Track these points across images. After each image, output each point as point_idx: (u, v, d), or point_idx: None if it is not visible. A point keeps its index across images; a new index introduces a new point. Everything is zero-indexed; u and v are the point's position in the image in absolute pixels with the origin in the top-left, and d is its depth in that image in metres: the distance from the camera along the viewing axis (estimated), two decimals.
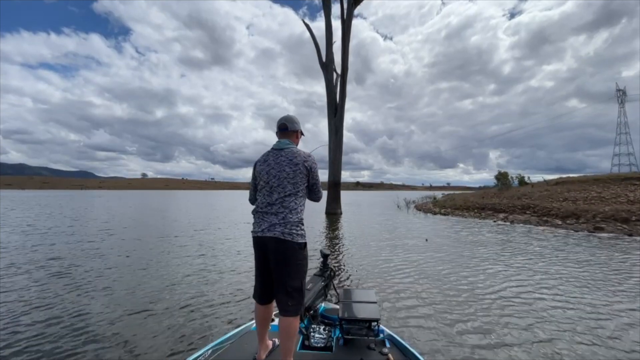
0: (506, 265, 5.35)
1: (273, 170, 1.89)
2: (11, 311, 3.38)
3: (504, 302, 3.61)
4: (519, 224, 11.54)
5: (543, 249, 6.75)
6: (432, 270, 5.01)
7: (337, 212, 16.25)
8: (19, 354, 2.52)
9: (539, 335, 2.83)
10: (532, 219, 11.82)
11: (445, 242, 7.64)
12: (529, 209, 13.39)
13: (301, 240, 1.82)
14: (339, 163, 16.92)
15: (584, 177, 20.34)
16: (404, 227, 10.89)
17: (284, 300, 1.76)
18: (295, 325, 1.75)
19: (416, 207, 21.90)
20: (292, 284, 1.78)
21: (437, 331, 2.89)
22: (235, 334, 2.22)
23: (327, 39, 17.25)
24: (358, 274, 4.88)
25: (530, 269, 5.06)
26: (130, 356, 2.51)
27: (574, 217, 11.19)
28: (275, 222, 1.79)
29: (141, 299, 3.80)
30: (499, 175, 25.47)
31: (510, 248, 6.85)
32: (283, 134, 2.01)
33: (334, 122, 16.98)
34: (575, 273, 4.84)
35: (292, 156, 1.89)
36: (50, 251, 6.39)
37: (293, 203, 1.85)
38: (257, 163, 2.00)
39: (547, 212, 12.32)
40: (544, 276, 4.67)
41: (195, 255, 6.17)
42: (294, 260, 1.79)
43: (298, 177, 1.86)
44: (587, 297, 3.80)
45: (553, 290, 4.05)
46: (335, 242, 7.96)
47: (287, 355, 1.74)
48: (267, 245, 1.81)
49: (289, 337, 1.73)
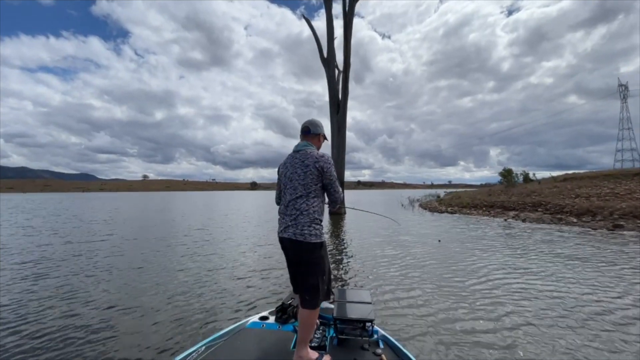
0: (531, 269, 4.91)
1: (288, 172, 1.98)
2: (14, 309, 3.48)
3: (533, 311, 3.18)
4: (531, 222, 11.07)
5: (568, 249, 6.30)
6: (448, 274, 4.57)
7: (341, 212, 15.81)
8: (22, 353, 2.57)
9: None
10: (545, 217, 11.35)
11: (457, 243, 7.20)
12: (540, 206, 12.94)
13: (315, 240, 1.85)
14: (342, 162, 16.47)
15: (593, 172, 19.86)
16: (412, 227, 10.44)
17: (303, 295, 1.89)
18: (312, 317, 1.85)
19: (421, 206, 21.45)
20: (308, 281, 1.86)
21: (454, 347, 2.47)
22: (230, 331, 2.24)
23: (329, 33, 16.79)
24: (369, 277, 4.45)
25: (563, 277, 4.62)
26: (121, 352, 2.54)
27: (589, 214, 10.73)
28: (289, 224, 1.87)
29: (135, 295, 3.90)
30: (504, 172, 24.98)
31: (532, 250, 6.40)
32: (305, 137, 2.08)
33: (336, 120, 16.54)
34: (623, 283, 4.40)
35: (305, 157, 1.93)
36: (58, 251, 6.08)
37: (304, 205, 1.87)
38: (280, 166, 2.10)
39: (560, 209, 11.85)
40: (586, 286, 4.22)
41: (196, 256, 5.99)
42: (310, 260, 1.86)
43: (308, 178, 1.89)
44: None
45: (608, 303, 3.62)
46: (341, 243, 7.52)
47: (302, 343, 1.83)
48: (286, 245, 1.92)
49: (305, 327, 1.84)
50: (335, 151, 16.49)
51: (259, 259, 6.03)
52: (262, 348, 2.00)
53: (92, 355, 2.52)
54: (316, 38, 17.18)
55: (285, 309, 2.43)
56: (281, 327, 2.32)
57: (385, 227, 10.42)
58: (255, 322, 2.39)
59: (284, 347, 2.02)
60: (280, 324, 2.35)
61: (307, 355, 1.83)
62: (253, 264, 5.60)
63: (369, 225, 11.01)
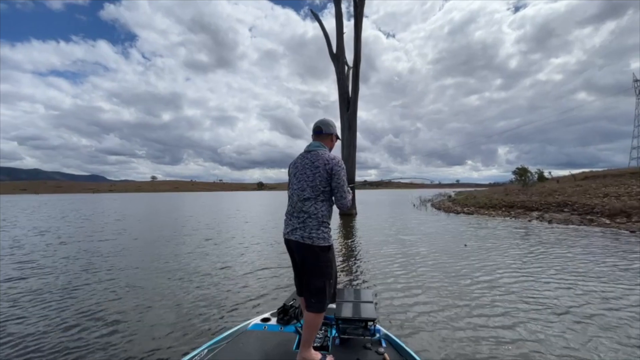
0: (583, 284, 4.27)
1: (297, 172, 1.93)
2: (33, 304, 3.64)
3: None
4: (558, 223, 10.32)
5: (617, 258, 5.61)
6: (481, 288, 3.96)
7: (352, 212, 15.24)
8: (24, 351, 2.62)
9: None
10: (573, 218, 10.57)
11: (484, 248, 6.55)
12: (566, 206, 12.13)
13: (324, 244, 1.82)
14: (353, 161, 15.88)
15: (617, 170, 18.90)
16: (431, 230, 9.80)
17: (308, 298, 1.85)
18: (317, 320, 1.82)
19: (433, 206, 20.71)
20: (315, 284, 1.83)
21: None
22: (232, 334, 2.22)
23: (338, 28, 16.21)
24: (394, 289, 3.87)
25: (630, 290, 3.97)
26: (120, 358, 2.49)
27: (623, 215, 9.92)
28: (297, 226, 1.84)
29: (135, 296, 3.91)
30: (520, 170, 24.04)
31: (569, 258, 5.72)
32: (317, 137, 2.03)
33: (346, 117, 15.95)
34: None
35: (315, 159, 1.88)
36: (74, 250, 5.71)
37: (312, 207, 1.83)
38: (290, 165, 2.05)
39: (589, 209, 11.05)
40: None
41: (196, 256, 5.69)
42: (316, 263, 1.82)
43: (317, 180, 1.84)
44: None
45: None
46: (353, 247, 6.94)
47: (306, 345, 1.82)
48: (292, 247, 1.88)
49: (310, 330, 1.82)
50: (345, 150, 15.91)
51: (258, 259, 5.93)
52: (264, 350, 1.98)
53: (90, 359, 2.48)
54: (325, 33, 16.62)
55: (287, 310, 2.40)
56: (283, 328, 2.29)
57: (397, 229, 9.81)
58: (257, 323, 2.38)
59: (286, 348, 2.00)
60: (282, 325, 2.33)
61: (311, 356, 1.81)
62: (253, 264, 5.52)
63: (384, 227, 10.40)
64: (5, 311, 3.46)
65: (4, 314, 3.39)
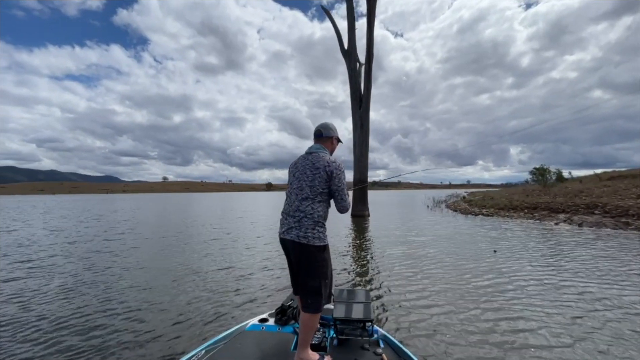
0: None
1: (297, 172, 1.96)
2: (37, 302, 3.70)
3: None
4: (589, 227, 9.56)
5: None
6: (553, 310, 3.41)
7: (365, 214, 14.69)
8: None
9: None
10: (606, 221, 9.78)
11: (514, 257, 5.95)
12: (596, 208, 11.30)
13: (319, 243, 1.82)
14: (365, 160, 15.33)
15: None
16: (452, 234, 9.19)
17: (304, 298, 1.85)
18: (313, 320, 1.83)
19: (448, 207, 19.95)
20: (311, 284, 1.83)
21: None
22: (229, 334, 2.21)
23: (349, 23, 15.71)
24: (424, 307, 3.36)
25: None
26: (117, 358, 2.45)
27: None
28: (292, 225, 1.84)
29: (134, 297, 3.87)
30: (539, 169, 22.99)
31: (623, 269, 5.09)
32: (318, 140, 2.07)
33: (358, 115, 15.42)
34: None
35: (316, 160, 1.91)
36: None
37: (309, 208, 1.84)
38: (291, 165, 2.08)
39: (623, 212, 10.22)
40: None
41: (195, 257, 5.60)
42: (313, 262, 1.82)
43: (316, 181, 1.86)
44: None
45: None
46: (366, 253, 6.43)
47: (303, 346, 1.81)
48: (287, 247, 1.90)
49: (306, 330, 1.82)
50: (357, 149, 15.39)
51: (260, 260, 5.88)
52: (262, 350, 1.97)
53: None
54: (336, 29, 16.16)
55: (285, 311, 2.39)
56: (281, 329, 2.29)
57: (411, 231, 9.24)
58: (255, 324, 2.37)
59: (284, 349, 2.00)
60: (280, 325, 2.32)
61: (308, 357, 1.81)
62: (255, 265, 5.48)
63: (401, 229, 9.85)
64: (5, 312, 3.45)
65: (5, 314, 3.38)
